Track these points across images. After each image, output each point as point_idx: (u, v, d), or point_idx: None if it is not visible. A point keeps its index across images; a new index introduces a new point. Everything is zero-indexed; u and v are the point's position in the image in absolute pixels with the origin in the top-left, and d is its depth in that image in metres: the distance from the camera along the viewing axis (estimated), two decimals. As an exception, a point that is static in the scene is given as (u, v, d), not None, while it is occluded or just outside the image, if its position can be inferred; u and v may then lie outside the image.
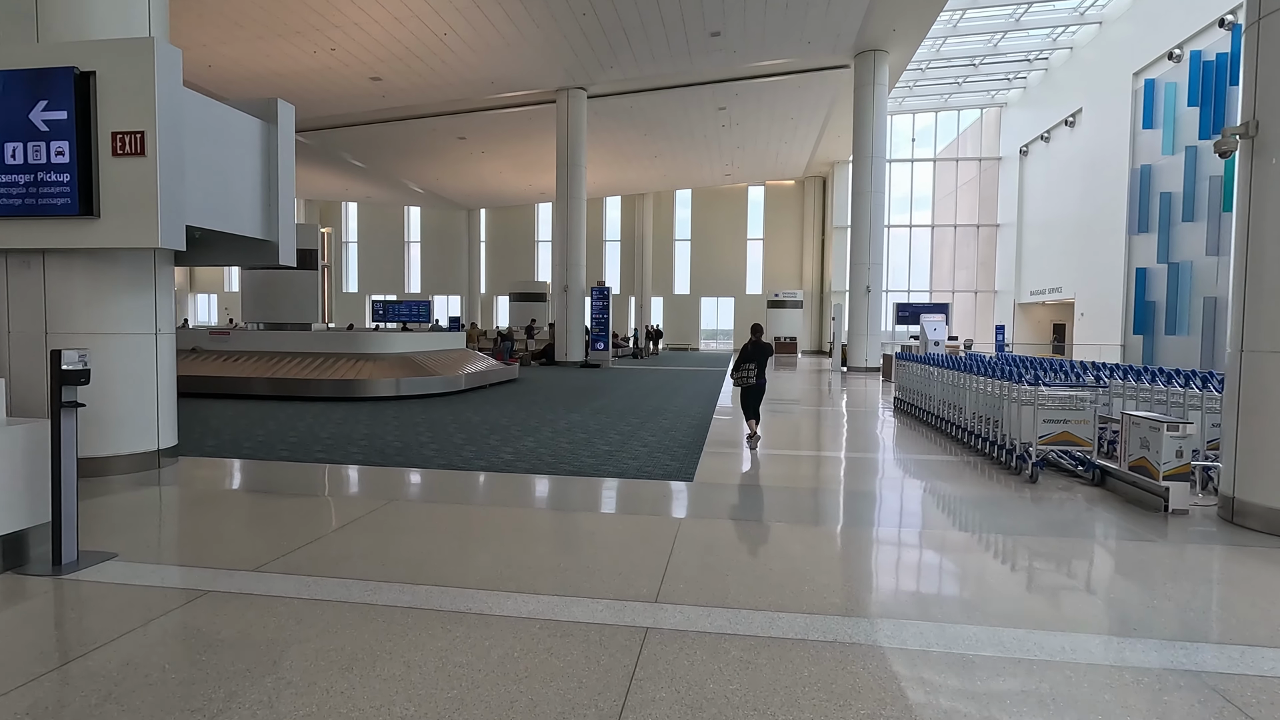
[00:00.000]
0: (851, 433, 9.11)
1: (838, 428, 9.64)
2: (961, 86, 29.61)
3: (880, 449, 7.85)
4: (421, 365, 12.62)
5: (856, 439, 8.59)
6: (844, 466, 6.77)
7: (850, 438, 8.69)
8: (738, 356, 7.85)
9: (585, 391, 13.43)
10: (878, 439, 8.55)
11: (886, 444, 8.16)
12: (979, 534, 4.44)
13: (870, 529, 4.53)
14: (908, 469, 6.59)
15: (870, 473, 6.50)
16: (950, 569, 3.77)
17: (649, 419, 9.50)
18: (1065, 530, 4.48)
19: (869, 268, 20.35)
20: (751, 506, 5.08)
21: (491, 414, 9.86)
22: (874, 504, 5.30)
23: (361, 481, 5.69)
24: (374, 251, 41.57)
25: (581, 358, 22.06)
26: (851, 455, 7.40)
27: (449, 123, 24.06)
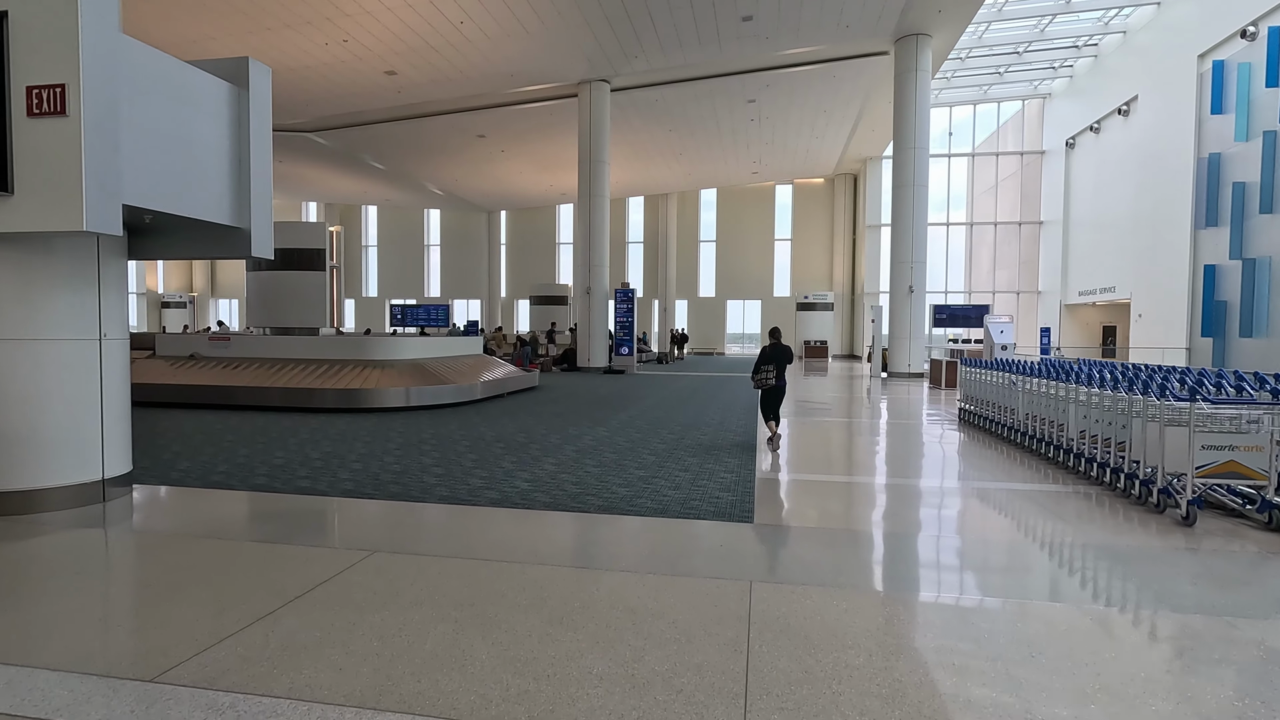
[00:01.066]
0: (923, 452, 7.90)
1: (904, 445, 8.43)
2: (1003, 76, 28.12)
3: (967, 473, 6.64)
4: (434, 373, 11.64)
5: (933, 460, 7.38)
6: (935, 499, 5.58)
7: (926, 459, 7.48)
8: (758, 359, 7.80)
9: (611, 401, 12.35)
10: (955, 460, 7.33)
11: (970, 466, 6.94)
12: (1149, 611, 3.26)
13: (1013, 602, 3.36)
14: (1015, 504, 5.39)
15: (972, 509, 5.31)
16: (1155, 679, 2.60)
17: (685, 434, 8.38)
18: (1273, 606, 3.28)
19: (911, 267, 19.04)
20: (841, 561, 3.92)
21: (508, 428, 8.81)
22: (995, 556, 4.12)
23: (343, 521, 4.65)
24: (394, 255, 41.02)
25: (605, 363, 21.01)
26: (937, 483, 6.20)
27: (468, 120, 23.21)
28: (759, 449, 7.45)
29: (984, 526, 4.77)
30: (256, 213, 5.13)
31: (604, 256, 20.90)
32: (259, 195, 5.17)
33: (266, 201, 5.24)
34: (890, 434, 9.31)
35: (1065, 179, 28.17)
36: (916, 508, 5.27)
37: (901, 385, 17.18)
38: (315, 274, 13.22)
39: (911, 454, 7.75)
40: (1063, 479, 6.12)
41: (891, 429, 9.78)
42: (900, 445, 8.37)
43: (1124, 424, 5.32)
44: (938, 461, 7.27)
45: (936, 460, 7.35)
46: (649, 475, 6.01)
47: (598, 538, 4.27)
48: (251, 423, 9.03)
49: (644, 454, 7.03)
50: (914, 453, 7.82)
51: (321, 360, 11.40)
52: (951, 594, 3.45)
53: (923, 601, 3.30)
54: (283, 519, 4.58)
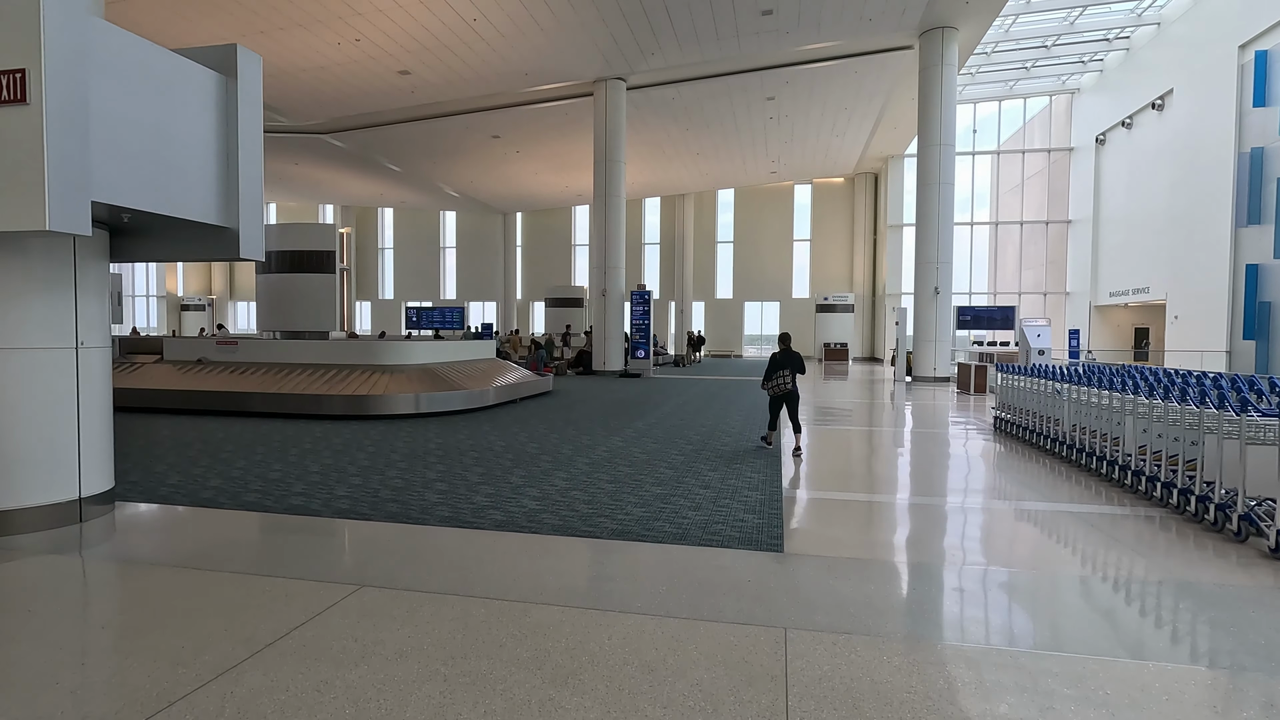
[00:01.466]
0: (961, 466, 7.39)
1: (940, 458, 7.92)
2: (1030, 71, 27.35)
3: (1012, 492, 6.13)
4: (445, 378, 11.30)
5: (974, 476, 6.88)
6: (981, 522, 5.10)
7: (966, 475, 6.98)
8: (768, 366, 7.81)
9: (627, 407, 11.93)
10: (998, 476, 6.82)
11: (1014, 483, 6.43)
12: (1264, 676, 2.77)
13: (1094, 661, 2.89)
14: (1072, 529, 4.89)
15: (1026, 535, 4.82)
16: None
17: (705, 444, 7.94)
18: None
19: (937, 267, 18.43)
20: (887, 601, 3.47)
21: (518, 437, 8.42)
22: (1063, 596, 3.65)
23: (331, 547, 4.26)
24: (410, 257, 40.97)
25: (621, 366, 20.60)
26: (981, 503, 5.71)
27: (482, 120, 22.95)
28: (784, 459, 6.98)
29: (1043, 557, 4.28)
30: (245, 212, 4.78)
31: (620, 258, 20.51)
32: (248, 193, 4.82)
33: (257, 200, 4.88)
34: (923, 445, 8.80)
35: (1095, 176, 27.32)
36: (962, 533, 4.79)
37: (927, 390, 16.59)
38: (325, 276, 12.96)
39: (949, 469, 7.24)
40: (1119, 499, 5.60)
41: (924, 439, 9.26)
42: (936, 458, 7.86)
43: (1194, 440, 4.80)
44: (979, 478, 6.76)
45: (977, 476, 6.84)
46: (667, 492, 5.58)
47: (610, 569, 3.84)
48: (255, 431, 8.73)
49: (661, 467, 6.60)
50: (952, 467, 7.31)
51: (330, 365, 11.11)
52: (1020, 645, 2.97)
53: (986, 655, 2.83)
54: (267, 545, 4.21)
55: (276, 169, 29.57)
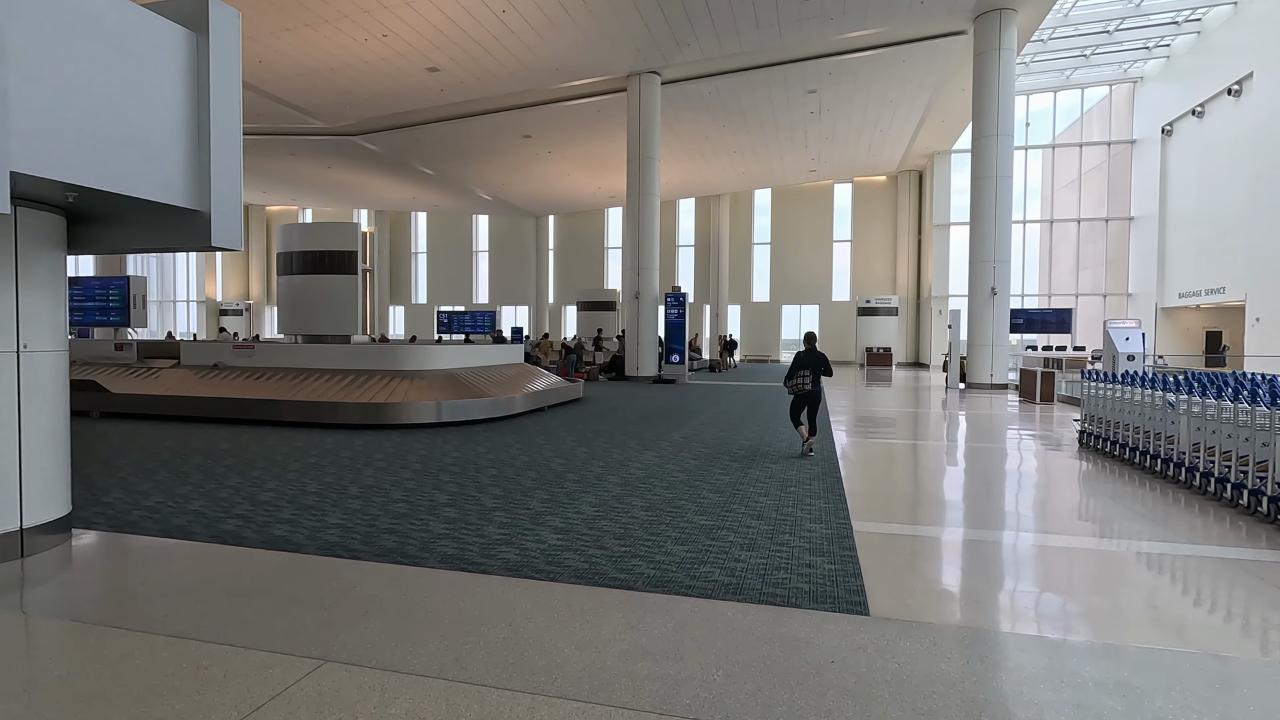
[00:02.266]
0: (1058, 492, 6.37)
1: (1032, 482, 6.89)
2: (1089, 59, 25.77)
3: (1134, 529, 5.11)
4: (469, 385, 10.60)
5: (1081, 506, 5.86)
6: (1113, 571, 4.12)
7: (1069, 504, 5.97)
8: (792, 364, 7.67)
9: (662, 416, 11.08)
10: (1108, 506, 5.79)
11: (1133, 517, 5.40)
12: None
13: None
14: (1234, 580, 3.88)
15: (1163, 591, 3.83)
16: None
17: (751, 460, 7.04)
18: None
19: (993, 267, 17.18)
20: (1037, 706, 2.55)
21: (543, 450, 7.63)
22: (1264, 689, 2.68)
23: (303, 600, 3.48)
24: (443, 261, 40.81)
25: (654, 372, 19.77)
26: (1097, 544, 4.71)
27: (513, 119, 22.40)
28: (847, 487, 6.05)
29: (1224, 630, 3.29)
30: (219, 192, 4.07)
31: (654, 259, 19.70)
32: (223, 171, 4.11)
33: (233, 179, 4.17)
34: (1003, 465, 7.75)
35: (1161, 170, 25.58)
36: (1093, 587, 3.82)
37: (983, 398, 15.38)
38: (347, 278, 12.40)
39: (1043, 495, 6.21)
40: (1271, 537, 4.55)
41: (1000, 457, 8.20)
42: (1023, 481, 6.82)
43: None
44: (1087, 508, 5.74)
45: (1081, 505, 5.81)
46: (713, 524, 4.71)
47: (647, 639, 2.99)
48: (263, 441, 8.11)
49: (704, 490, 5.73)
50: (1046, 493, 6.28)
51: (349, 371, 10.50)
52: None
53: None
54: (225, 595, 3.46)
55: (309, 173, 29.57)
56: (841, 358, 33.46)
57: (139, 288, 13.90)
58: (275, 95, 19.34)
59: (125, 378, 10.90)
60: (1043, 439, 9.38)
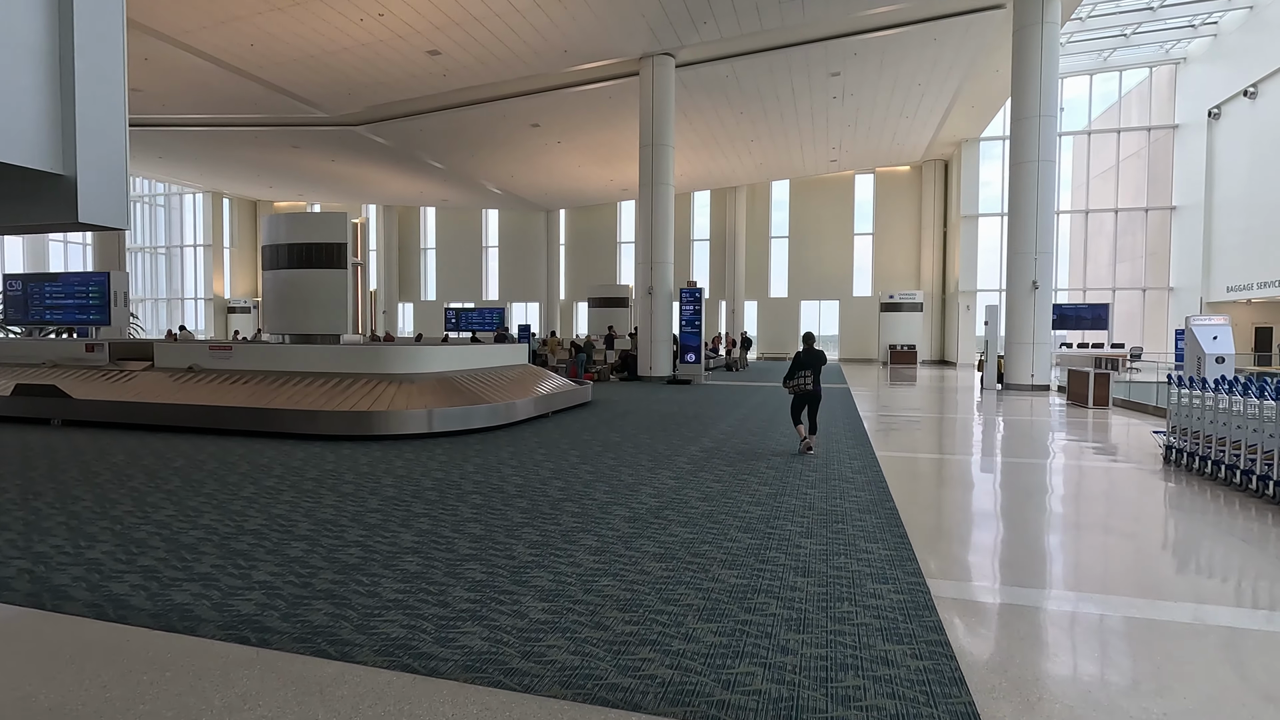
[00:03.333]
0: (1185, 539, 5.25)
1: (1124, 513, 5.77)
2: (1129, 39, 24.30)
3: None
4: (465, 390, 9.61)
5: (1219, 560, 4.75)
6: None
7: (1200, 555, 4.85)
8: (792, 364, 7.71)
9: (677, 424, 10.01)
10: (1248, 554, 4.66)
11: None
12: None
13: None
14: None
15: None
16: None
17: (783, 485, 5.97)
18: None
19: (1035, 258, 15.92)
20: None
21: (541, 469, 6.60)
22: None
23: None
24: (452, 258, 39.94)
25: (669, 371, 18.70)
26: (1267, 624, 3.60)
27: (520, 107, 21.37)
28: (906, 523, 4.96)
29: None
30: (91, 152, 3.03)
31: (668, 252, 18.61)
32: (96, 123, 3.07)
33: (112, 135, 3.12)
34: (1090, 490, 6.61)
35: (1207, 155, 24.08)
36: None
37: (1026, 401, 14.16)
38: (335, 272, 11.45)
39: (1172, 542, 5.08)
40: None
41: (1081, 478, 7.06)
42: (1126, 515, 5.68)
43: None
44: (1226, 561, 4.61)
45: (1218, 558, 4.68)
46: (747, 583, 3.64)
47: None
48: (224, 456, 7.15)
49: (731, 528, 4.67)
50: (1174, 540, 5.15)
51: (333, 375, 9.54)
52: None
53: None
54: (51, 715, 2.45)
55: (314, 166, 28.76)
56: (863, 355, 32.22)
57: (120, 284, 13.03)
58: (271, 82, 18.46)
59: (91, 381, 10.02)
60: (1117, 455, 8.21)
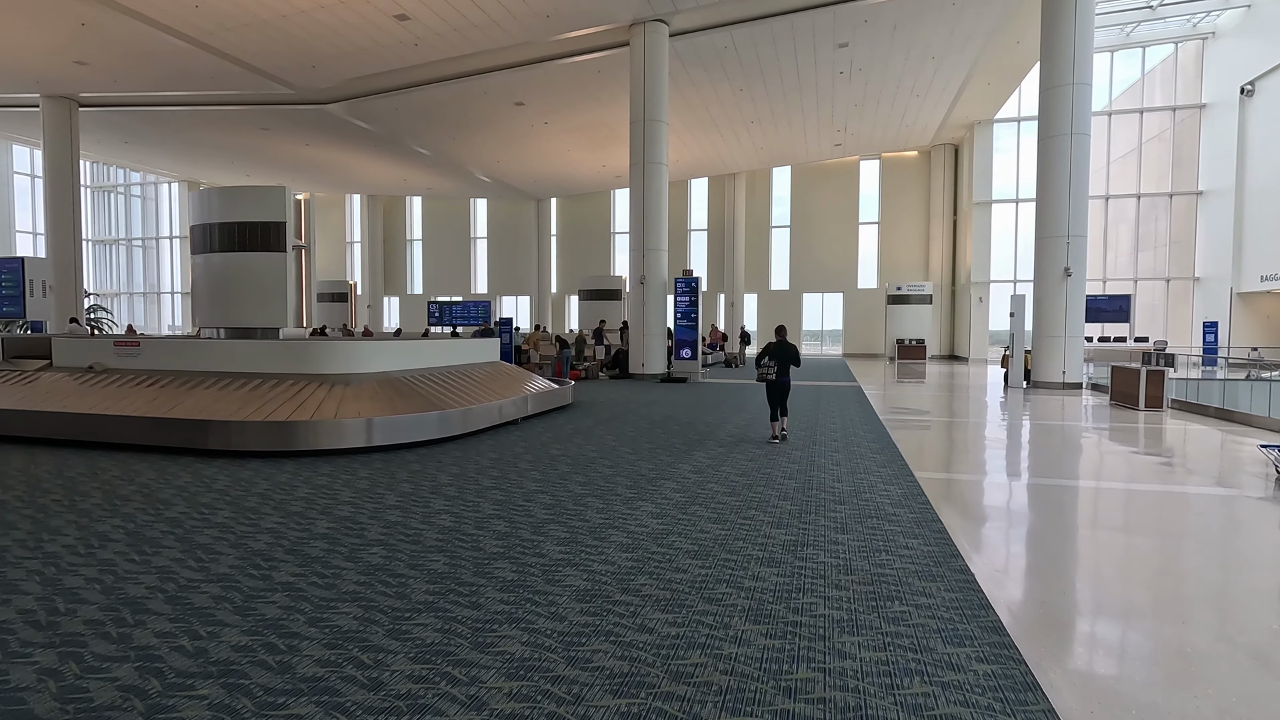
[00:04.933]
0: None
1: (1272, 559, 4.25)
2: (1156, 11, 22.72)
3: None
4: (416, 394, 8.07)
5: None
6: None
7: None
8: (760, 353, 8.03)
9: (668, 432, 8.48)
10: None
11: None
12: None
13: None
14: None
15: None
16: None
17: (805, 530, 4.45)
18: None
19: (1067, 242, 14.39)
20: None
21: (482, 506, 5.05)
22: None
23: None
24: (439, 249, 38.31)
25: (663, 369, 17.17)
26: None
27: (502, 82, 19.76)
28: (987, 591, 3.43)
29: None
30: None
31: (662, 238, 17.05)
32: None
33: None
34: (1209, 532, 5.10)
35: (1239, 136, 22.53)
36: None
37: (1059, 401, 12.66)
38: (272, 256, 9.88)
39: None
40: None
41: (1186, 510, 5.55)
42: (1269, 572, 4.16)
43: None
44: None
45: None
46: (773, 676, 2.12)
47: None
48: (93, 479, 5.61)
49: (734, 610, 3.14)
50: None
51: (257, 375, 7.99)
52: None
53: None
54: None
55: (287, 151, 27.12)
56: (869, 350, 30.71)
57: (39, 272, 11.45)
58: (223, 51, 16.83)
59: (-27, 385, 8.46)
60: (1219, 477, 6.70)
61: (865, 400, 12.19)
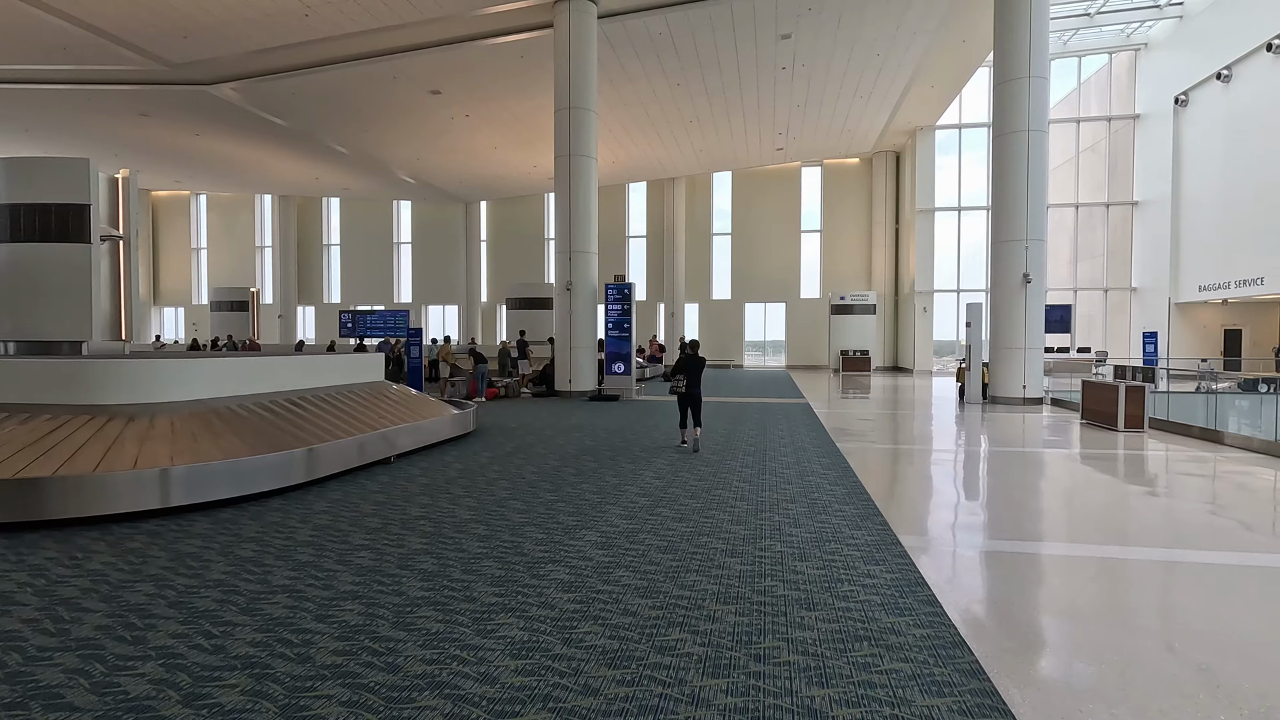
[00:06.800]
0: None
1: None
2: (1093, 19, 22.53)
3: None
4: (246, 429, 6.06)
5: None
6: None
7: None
8: (673, 368, 8.45)
9: (581, 474, 6.69)
10: None
11: None
12: None
13: None
14: None
15: None
16: None
17: (766, 617, 2.77)
18: None
19: (1026, 247, 13.38)
20: None
21: (277, 605, 3.16)
22: None
23: None
24: (359, 255, 35.50)
25: (593, 385, 15.39)
26: None
27: (414, 66, 17.71)
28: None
29: None
30: None
31: (591, 239, 15.33)
32: None
33: None
34: (1264, 600, 3.64)
35: (1174, 147, 22.46)
36: None
37: (1023, 418, 11.50)
38: (73, 249, 7.65)
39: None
40: None
41: (1248, 589, 4.11)
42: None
43: None
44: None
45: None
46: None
47: None
48: None
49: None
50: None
51: (25, 407, 5.82)
52: None
53: None
54: None
55: (176, 143, 24.15)
56: (813, 361, 29.73)
57: None
58: (78, 18, 14.27)
59: None
60: (1245, 523, 5.38)
61: (817, 423, 10.71)
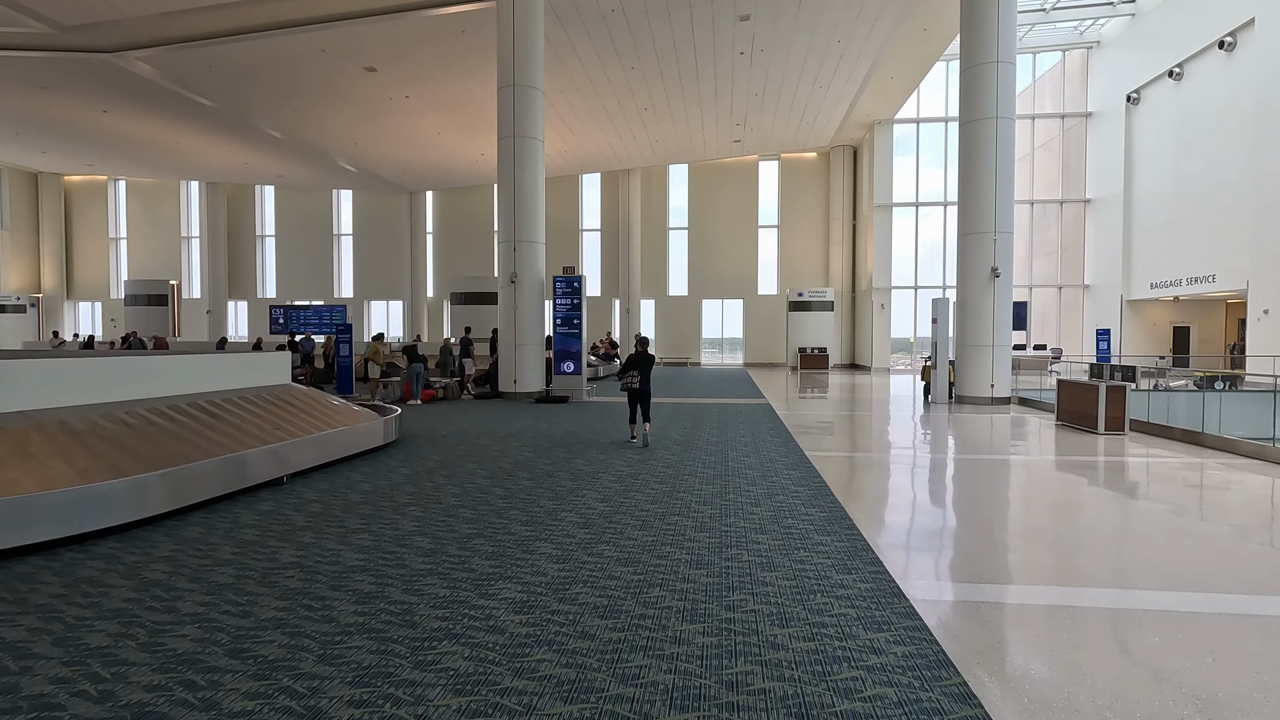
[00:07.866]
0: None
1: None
2: (1049, 14, 22.43)
3: None
4: (80, 448, 4.83)
5: None
6: None
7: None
8: (623, 365, 8.69)
9: (515, 494, 5.64)
10: None
11: None
12: None
13: None
14: None
15: None
16: None
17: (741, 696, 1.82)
18: None
19: (994, 239, 12.86)
20: None
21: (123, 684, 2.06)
22: None
23: None
24: (297, 248, 33.40)
25: (540, 386, 14.30)
26: None
27: (345, 38, 16.25)
28: None
29: None
30: None
31: (538, 228, 14.22)
32: None
33: None
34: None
35: (1126, 145, 22.55)
36: None
37: (990, 420, 10.92)
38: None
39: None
40: None
41: None
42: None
43: None
44: None
45: None
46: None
47: None
48: None
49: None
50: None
51: None
52: None
53: None
54: None
55: (84, 121, 21.98)
56: (771, 359, 29.18)
57: None
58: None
59: None
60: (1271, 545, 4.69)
61: (780, 425, 9.89)
